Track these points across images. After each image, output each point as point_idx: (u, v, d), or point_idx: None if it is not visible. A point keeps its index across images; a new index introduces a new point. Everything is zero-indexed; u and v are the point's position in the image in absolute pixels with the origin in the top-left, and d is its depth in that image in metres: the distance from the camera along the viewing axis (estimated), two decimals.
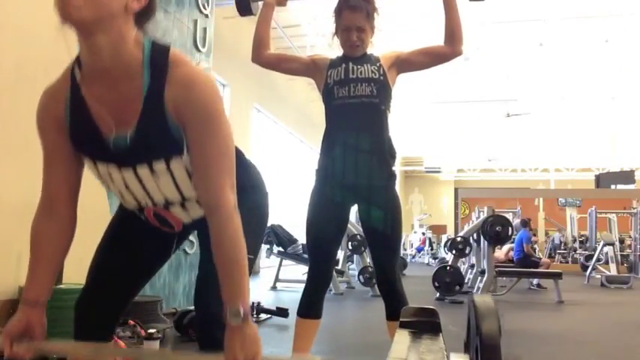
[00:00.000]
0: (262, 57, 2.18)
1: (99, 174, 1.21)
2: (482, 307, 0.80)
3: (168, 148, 1.13)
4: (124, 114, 1.11)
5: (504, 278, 7.02)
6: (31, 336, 1.14)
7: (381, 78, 2.07)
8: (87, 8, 0.99)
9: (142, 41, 1.11)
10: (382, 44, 2.19)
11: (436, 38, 2.20)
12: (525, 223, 8.54)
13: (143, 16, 1.11)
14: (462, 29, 2.10)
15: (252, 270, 1.30)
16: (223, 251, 1.12)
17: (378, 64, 2.09)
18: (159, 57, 1.11)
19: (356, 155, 2.03)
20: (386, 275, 2.09)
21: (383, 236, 2.07)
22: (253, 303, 4.21)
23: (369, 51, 2.15)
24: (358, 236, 6.86)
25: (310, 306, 2.13)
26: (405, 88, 11.64)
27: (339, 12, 2.12)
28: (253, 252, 1.38)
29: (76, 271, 1.29)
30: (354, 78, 2.06)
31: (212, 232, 1.12)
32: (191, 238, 3.84)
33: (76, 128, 1.15)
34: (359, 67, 2.08)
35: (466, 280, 6.93)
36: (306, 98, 12.61)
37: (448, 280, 5.89)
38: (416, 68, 2.16)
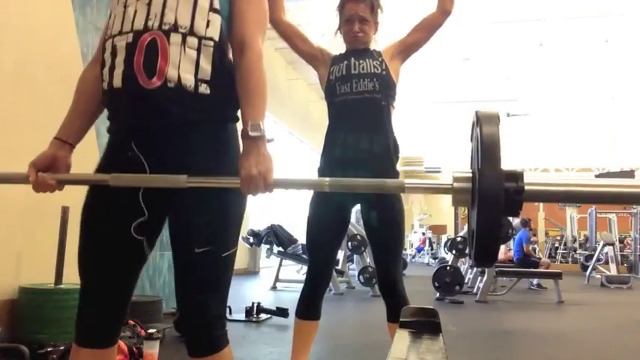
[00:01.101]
0: (278, 19, 2.15)
1: None
2: (483, 113, 0.84)
3: None
4: None
5: (504, 278, 7.02)
6: (55, 170, 1.22)
7: (384, 73, 2.05)
8: None
9: None
10: (382, 38, 2.18)
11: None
12: (525, 223, 8.54)
13: None
14: None
15: (246, 269, 1.25)
16: (251, 86, 1.21)
17: (380, 59, 2.08)
18: None
19: (357, 153, 2.02)
20: (387, 276, 2.07)
21: (384, 237, 2.05)
22: (253, 303, 4.21)
23: (372, 47, 2.14)
24: (358, 236, 6.86)
25: (309, 307, 2.11)
26: (405, 88, 11.63)
27: (342, 5, 2.12)
28: (235, 243, 1.27)
29: (76, 271, 1.28)
30: (356, 74, 2.04)
31: (241, 69, 1.21)
32: None
33: None
34: (361, 62, 2.06)
35: (466, 280, 6.93)
36: (306, 98, 12.61)
37: (448, 280, 5.89)
38: (416, 47, 2.13)
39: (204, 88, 1.18)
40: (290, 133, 12.35)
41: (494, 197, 0.79)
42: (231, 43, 1.27)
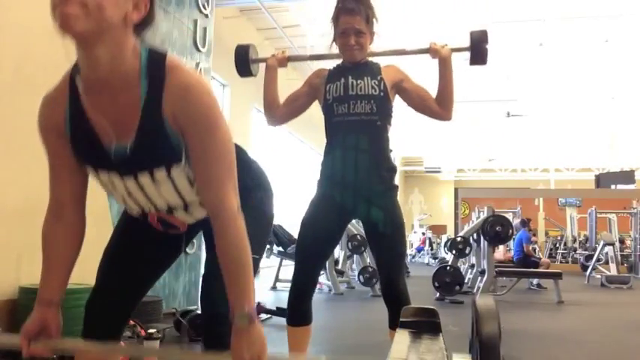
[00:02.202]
0: (277, 117, 2.21)
1: (101, 181, 1.22)
2: (482, 310, 0.80)
3: (169, 155, 1.13)
4: (124, 124, 1.11)
5: (504, 278, 7.01)
6: (47, 334, 1.17)
7: (381, 94, 2.03)
8: (86, 20, 0.98)
9: (139, 50, 1.10)
10: (380, 45, 2.18)
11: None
12: (525, 223, 8.54)
13: (142, 25, 1.10)
14: (453, 98, 2.11)
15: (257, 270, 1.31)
16: (228, 254, 1.13)
17: (379, 78, 2.05)
18: (156, 65, 1.10)
19: (355, 174, 2.00)
20: (390, 281, 2.03)
21: (384, 237, 2.03)
22: None
23: (369, 59, 2.12)
24: (358, 236, 6.86)
25: (297, 313, 2.07)
26: None
27: (336, 18, 2.06)
28: (258, 252, 1.38)
29: (76, 271, 1.29)
30: (354, 95, 2.02)
31: (216, 235, 1.14)
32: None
33: (77, 137, 1.16)
34: (359, 81, 2.03)
35: (466, 280, 6.93)
36: None
37: (448, 280, 5.89)
38: (409, 104, 2.15)
39: None
40: (290, 133, 12.35)
41: None
42: (201, 201, 1.23)
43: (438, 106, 2.10)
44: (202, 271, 1.41)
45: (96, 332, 1.31)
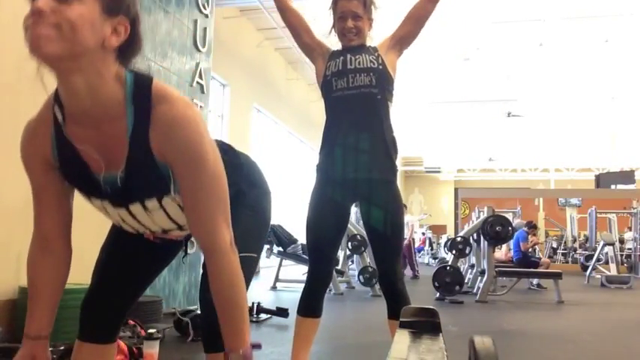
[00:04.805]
0: (286, 5, 2.14)
1: (94, 205, 1.20)
2: (481, 353, 0.79)
3: (159, 187, 1.11)
4: (112, 154, 1.07)
5: (504, 278, 7.02)
6: None
7: (380, 67, 2.03)
8: (59, 42, 0.92)
9: (124, 76, 1.05)
10: (378, 35, 2.17)
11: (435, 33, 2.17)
12: (525, 224, 8.54)
13: (126, 51, 1.04)
14: None
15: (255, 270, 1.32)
16: (222, 293, 1.10)
17: (376, 54, 2.06)
18: (142, 93, 1.05)
19: (356, 149, 2.01)
20: (387, 275, 2.08)
21: (383, 236, 2.05)
22: (253, 303, 4.21)
23: (367, 44, 2.12)
24: (358, 236, 6.86)
25: (310, 305, 2.12)
26: (405, 88, 11.64)
27: (334, 3, 2.10)
28: (255, 250, 1.38)
29: (76, 271, 1.29)
30: (352, 68, 2.03)
31: (210, 274, 1.11)
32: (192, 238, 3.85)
33: (66, 166, 1.12)
34: (357, 57, 2.04)
35: (466, 280, 6.93)
36: (306, 98, 12.61)
37: (448, 280, 5.88)
38: (409, 39, 2.11)
39: None
40: (290, 133, 12.36)
41: None
42: (193, 237, 1.18)
43: None
44: (202, 270, 1.40)
45: (92, 332, 1.30)
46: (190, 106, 1.07)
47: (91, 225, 1.30)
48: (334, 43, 2.18)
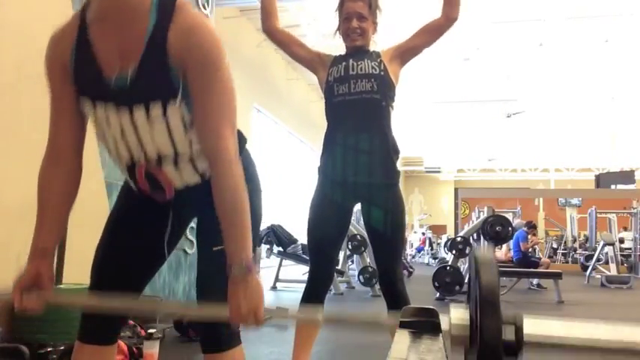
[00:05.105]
0: (273, 28, 2.16)
1: (97, 119, 1.21)
2: (482, 259, 0.80)
3: (166, 89, 1.14)
4: (127, 53, 1.13)
5: (504, 278, 7.02)
6: (39, 286, 1.17)
7: (382, 73, 2.05)
8: None
9: None
10: (385, 40, 2.18)
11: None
12: (525, 224, 8.54)
13: None
14: None
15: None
16: (225, 201, 1.12)
17: (378, 60, 2.08)
18: (166, 2, 1.13)
19: (356, 153, 2.02)
20: (387, 275, 2.08)
21: (384, 237, 2.06)
22: None
23: (371, 48, 2.14)
24: (358, 236, 6.86)
25: (312, 302, 2.11)
26: (405, 88, 11.63)
27: (340, 4, 2.13)
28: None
29: (76, 271, 1.29)
30: (354, 74, 2.04)
31: (213, 180, 1.14)
32: (190, 237, 3.85)
33: (80, 68, 1.17)
34: (359, 63, 2.06)
35: (466, 280, 6.93)
36: (306, 98, 12.61)
37: (448, 280, 5.89)
38: (416, 51, 2.13)
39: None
40: (290, 133, 12.35)
41: (492, 353, 0.75)
42: (200, 144, 1.20)
43: (442, 13, 2.05)
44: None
45: (92, 334, 1.29)
46: (210, 22, 1.16)
47: (91, 225, 1.30)
48: (336, 46, 2.18)
